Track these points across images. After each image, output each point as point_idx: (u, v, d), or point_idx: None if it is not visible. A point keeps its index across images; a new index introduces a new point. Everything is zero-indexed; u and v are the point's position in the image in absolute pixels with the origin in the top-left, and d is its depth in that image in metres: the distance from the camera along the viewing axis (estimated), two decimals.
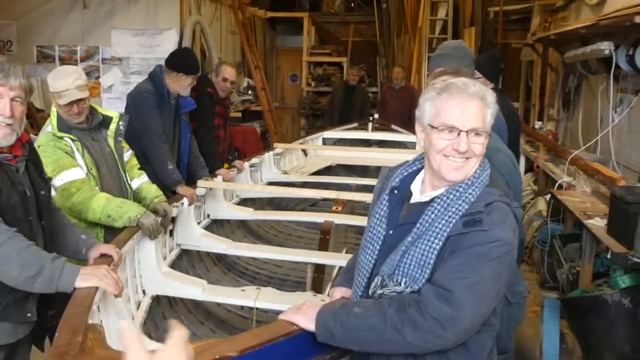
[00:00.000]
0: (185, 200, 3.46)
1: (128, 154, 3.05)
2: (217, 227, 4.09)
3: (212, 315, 3.39)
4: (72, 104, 2.70)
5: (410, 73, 8.74)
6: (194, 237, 3.48)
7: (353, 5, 11.88)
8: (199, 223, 3.77)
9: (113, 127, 2.91)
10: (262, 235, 4.64)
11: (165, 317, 3.03)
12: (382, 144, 6.62)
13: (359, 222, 3.73)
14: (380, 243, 1.62)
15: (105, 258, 2.22)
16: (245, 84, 9.03)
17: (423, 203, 1.59)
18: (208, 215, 4.03)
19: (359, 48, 10.95)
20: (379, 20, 10.78)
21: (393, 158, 4.62)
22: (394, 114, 7.23)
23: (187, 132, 3.93)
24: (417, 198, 1.64)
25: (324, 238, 3.66)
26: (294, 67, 11.20)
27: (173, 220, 3.26)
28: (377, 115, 7.41)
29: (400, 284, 1.51)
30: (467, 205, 1.50)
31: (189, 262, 3.65)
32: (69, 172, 2.66)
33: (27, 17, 6.65)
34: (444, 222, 1.49)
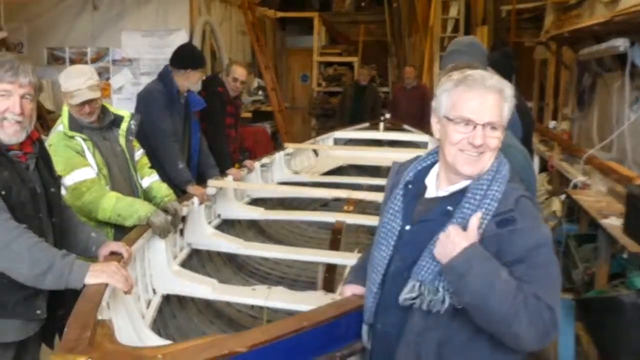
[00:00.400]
0: (196, 200, 3.45)
1: (139, 153, 3.05)
2: (227, 227, 4.07)
3: (222, 315, 3.38)
4: (83, 104, 2.70)
5: (422, 72, 8.69)
6: (205, 236, 3.47)
7: (363, 5, 11.85)
8: (210, 223, 3.76)
9: (124, 126, 2.91)
10: (273, 236, 4.61)
11: (175, 316, 3.02)
12: (393, 144, 6.55)
13: (371, 221, 3.69)
14: (396, 239, 1.59)
15: (116, 256, 2.22)
16: (256, 85, 9.03)
17: (442, 198, 1.56)
18: (219, 215, 4.01)
19: (370, 48, 10.90)
20: (390, 20, 10.74)
21: (405, 158, 4.48)
22: (406, 114, 7.18)
23: (197, 131, 3.93)
24: (432, 192, 1.61)
25: (335, 238, 3.64)
26: (305, 67, 11.18)
27: (183, 220, 3.25)
28: (388, 115, 7.36)
29: (439, 291, 1.46)
30: (496, 204, 1.47)
31: (200, 261, 3.63)
32: (80, 171, 2.67)
33: (37, 19, 6.67)
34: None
